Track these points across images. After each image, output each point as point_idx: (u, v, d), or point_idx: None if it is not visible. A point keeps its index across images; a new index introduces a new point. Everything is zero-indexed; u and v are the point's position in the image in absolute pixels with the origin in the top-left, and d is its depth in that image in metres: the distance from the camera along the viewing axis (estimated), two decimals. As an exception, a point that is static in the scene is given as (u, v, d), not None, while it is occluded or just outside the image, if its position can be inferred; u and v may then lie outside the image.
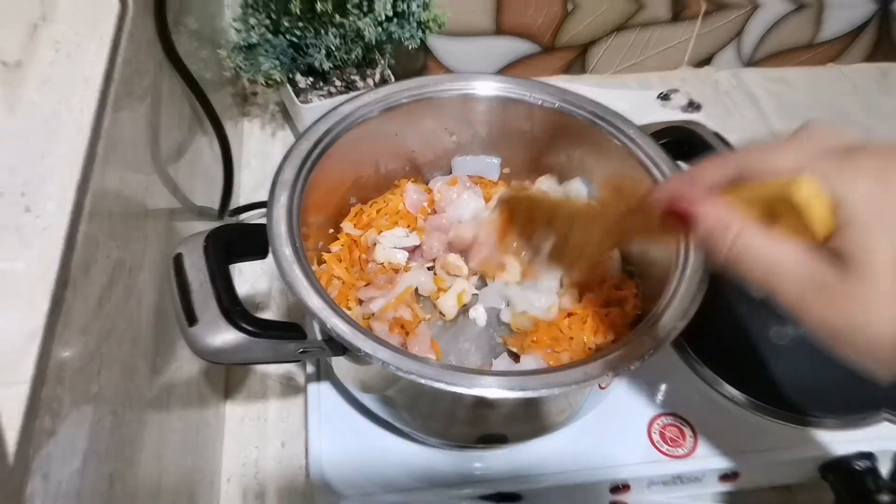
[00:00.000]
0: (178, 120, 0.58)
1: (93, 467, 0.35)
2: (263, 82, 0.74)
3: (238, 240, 0.48)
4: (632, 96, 0.87)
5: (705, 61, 1.00)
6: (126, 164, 0.45)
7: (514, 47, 0.92)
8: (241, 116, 0.88)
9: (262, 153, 0.85)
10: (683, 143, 0.62)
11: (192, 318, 0.42)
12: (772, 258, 0.31)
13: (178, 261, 0.44)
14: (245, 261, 0.49)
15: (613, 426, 0.57)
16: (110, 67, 0.42)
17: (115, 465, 0.39)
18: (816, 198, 0.30)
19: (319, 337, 0.46)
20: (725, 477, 0.57)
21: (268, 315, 0.68)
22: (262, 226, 0.48)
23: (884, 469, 0.57)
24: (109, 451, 0.38)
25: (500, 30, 0.90)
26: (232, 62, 0.73)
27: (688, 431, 0.57)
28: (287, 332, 0.45)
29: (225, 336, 0.41)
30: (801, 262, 0.31)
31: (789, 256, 0.31)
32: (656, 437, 0.57)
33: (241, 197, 0.78)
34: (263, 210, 0.74)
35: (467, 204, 0.62)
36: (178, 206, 0.56)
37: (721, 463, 0.56)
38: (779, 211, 0.32)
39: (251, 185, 0.81)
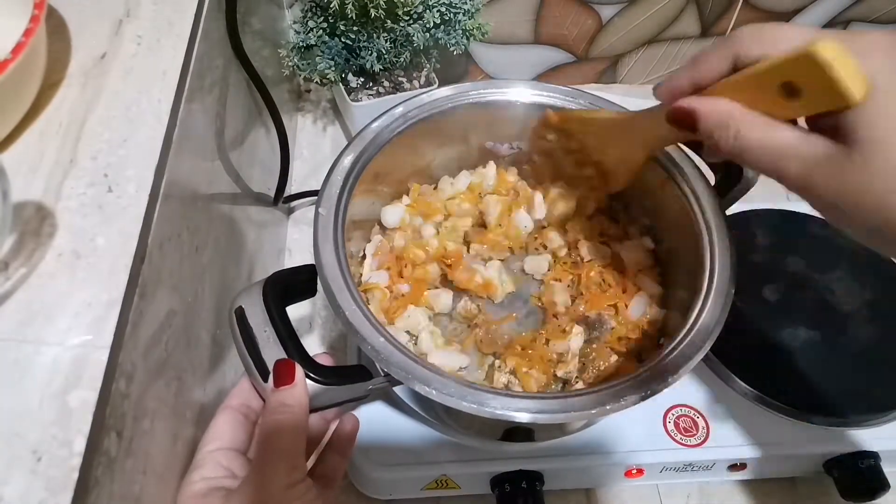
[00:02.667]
0: (241, 112, 0.58)
1: (160, 427, 0.36)
2: (318, 81, 0.74)
3: (291, 283, 0.46)
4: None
5: (730, 75, 0.98)
6: (195, 152, 0.45)
7: (550, 56, 0.91)
8: (295, 112, 0.88)
9: (313, 145, 0.85)
10: None
11: (264, 373, 0.40)
12: (774, 144, 0.30)
13: (239, 314, 0.42)
14: (298, 301, 0.46)
15: (631, 414, 0.56)
16: (186, 61, 0.43)
17: (178, 425, 0.39)
18: (843, 58, 0.27)
19: (380, 370, 0.43)
20: (734, 466, 0.57)
21: (313, 338, 0.68)
22: (311, 266, 0.46)
23: (886, 468, 0.56)
24: (174, 412, 0.39)
25: (537, 39, 0.88)
26: (290, 61, 0.73)
27: (701, 422, 0.57)
28: (356, 376, 0.43)
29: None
30: (804, 141, 0.30)
31: (791, 139, 0.30)
32: (671, 426, 0.56)
33: (293, 186, 0.79)
34: (313, 199, 0.75)
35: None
36: (238, 192, 0.57)
37: (730, 453, 0.56)
38: (797, 86, 0.29)
39: (303, 175, 0.81)
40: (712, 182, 0.53)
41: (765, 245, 0.67)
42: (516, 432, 0.53)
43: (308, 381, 0.40)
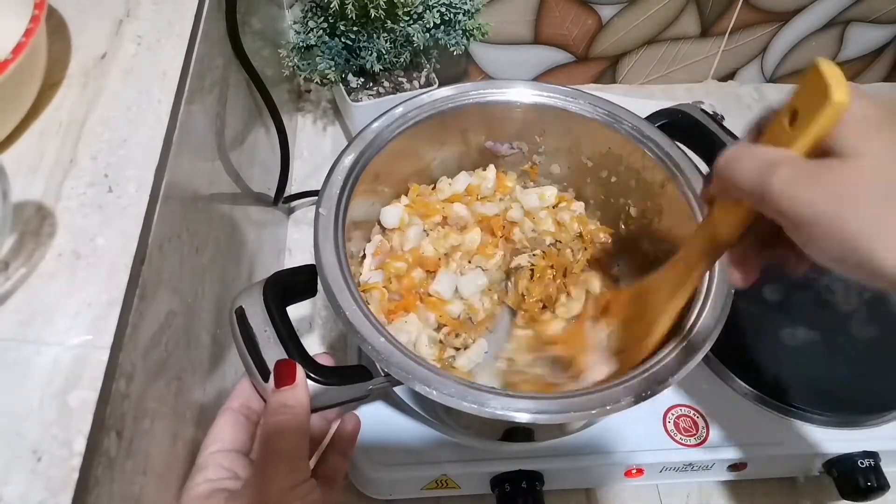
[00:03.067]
0: (241, 112, 0.58)
1: (160, 427, 0.36)
2: (319, 81, 0.74)
3: (291, 283, 0.46)
4: (658, 106, 0.86)
5: (729, 76, 0.98)
6: (195, 152, 0.45)
7: (550, 56, 0.91)
8: (295, 112, 0.88)
9: (313, 146, 0.85)
10: (678, 125, 0.60)
11: (265, 373, 0.40)
12: (767, 155, 0.31)
13: (240, 314, 0.42)
14: (298, 301, 0.47)
15: (631, 414, 0.56)
16: (186, 62, 0.43)
17: (178, 425, 0.39)
18: (833, 68, 0.29)
19: (381, 370, 0.43)
20: (734, 466, 0.57)
21: (313, 338, 0.68)
22: (311, 266, 0.46)
23: (886, 468, 0.56)
24: (174, 412, 0.39)
25: (537, 39, 0.88)
26: (290, 61, 0.73)
27: (700, 422, 0.57)
28: (356, 376, 0.43)
29: None
30: (792, 154, 0.30)
31: (781, 151, 0.31)
32: (671, 425, 0.56)
33: (293, 186, 0.79)
34: (313, 199, 0.75)
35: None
36: (238, 192, 0.57)
37: (730, 453, 0.56)
38: (797, 111, 0.31)
39: (303, 175, 0.81)
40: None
41: (765, 245, 0.67)
42: (516, 432, 0.53)
43: (309, 381, 0.40)
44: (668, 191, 0.54)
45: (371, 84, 0.78)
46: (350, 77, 0.76)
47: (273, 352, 0.40)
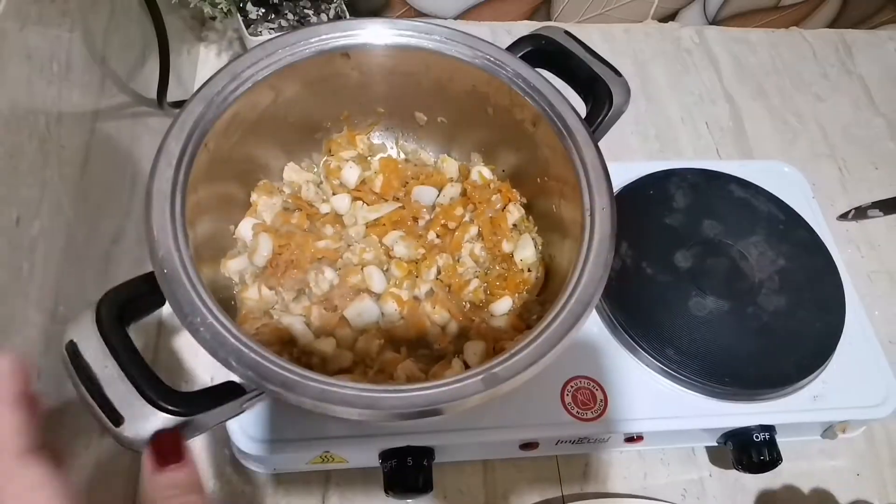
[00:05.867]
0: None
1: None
2: (210, 11, 0.66)
3: (130, 299, 0.38)
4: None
5: (671, 16, 0.93)
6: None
7: (480, -11, 0.84)
8: (197, 41, 0.80)
9: (215, 82, 0.78)
10: (542, 51, 0.54)
11: (116, 418, 0.33)
12: None
13: (72, 350, 0.35)
14: (143, 318, 0.39)
15: (527, 385, 0.54)
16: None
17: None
18: None
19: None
20: (631, 439, 0.56)
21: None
22: (150, 274, 0.38)
23: (783, 439, 0.55)
24: None
25: (466, -30, 0.82)
26: (179, -16, 0.65)
27: (599, 395, 0.55)
28: (225, 395, 0.37)
29: (159, 425, 0.34)
30: None
31: None
32: (568, 399, 0.54)
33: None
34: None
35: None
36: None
37: (628, 427, 0.54)
38: None
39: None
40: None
41: (682, 207, 0.64)
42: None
43: (168, 417, 0.34)
44: (539, 129, 0.50)
45: (273, 16, 0.70)
46: (249, 6, 0.69)
47: (120, 389, 0.34)
